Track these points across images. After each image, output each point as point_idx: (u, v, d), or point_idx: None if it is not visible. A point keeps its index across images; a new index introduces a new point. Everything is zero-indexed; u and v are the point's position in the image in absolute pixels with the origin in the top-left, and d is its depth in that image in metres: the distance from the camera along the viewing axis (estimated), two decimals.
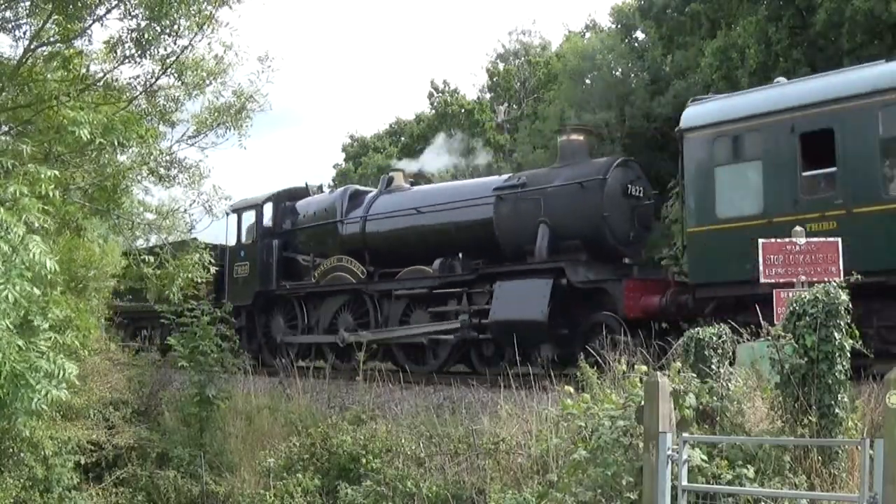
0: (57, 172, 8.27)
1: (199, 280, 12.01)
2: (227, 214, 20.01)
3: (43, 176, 7.80)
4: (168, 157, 12.14)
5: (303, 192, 21.02)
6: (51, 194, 7.94)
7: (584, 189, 14.45)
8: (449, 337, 15.83)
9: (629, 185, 14.62)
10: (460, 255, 16.09)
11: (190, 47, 10.38)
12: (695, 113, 13.39)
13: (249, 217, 20.95)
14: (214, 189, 12.72)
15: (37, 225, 7.58)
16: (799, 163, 12.01)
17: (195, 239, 13.19)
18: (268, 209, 20.70)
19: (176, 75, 10.80)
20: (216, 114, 11.93)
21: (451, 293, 15.90)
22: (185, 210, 12.56)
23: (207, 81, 11.00)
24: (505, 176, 16.96)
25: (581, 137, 15.93)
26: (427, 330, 16.13)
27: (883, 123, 11.22)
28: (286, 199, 20.81)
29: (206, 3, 9.90)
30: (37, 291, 7.44)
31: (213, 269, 12.52)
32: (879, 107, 11.27)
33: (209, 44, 10.55)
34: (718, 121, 12.95)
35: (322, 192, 21.93)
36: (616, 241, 14.47)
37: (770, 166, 12.24)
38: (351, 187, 20.11)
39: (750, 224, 12.14)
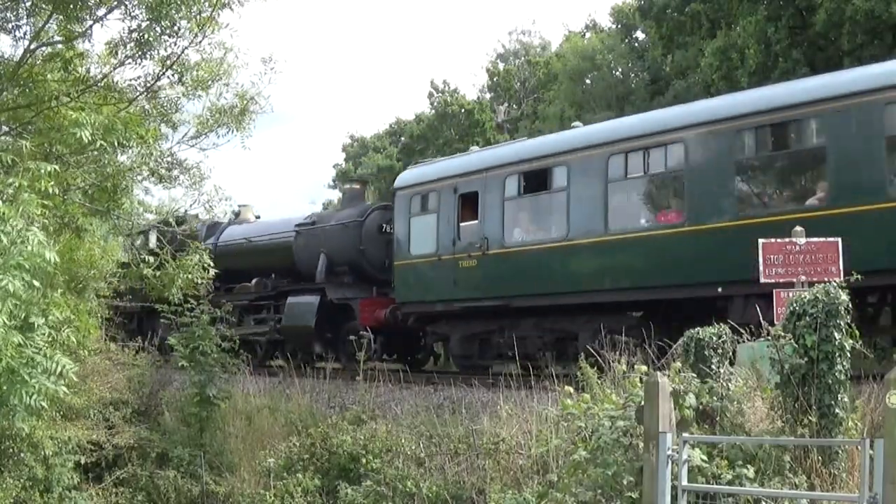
0: (56, 167, 8.26)
1: (200, 281, 12.03)
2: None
3: (43, 171, 7.80)
4: (169, 159, 12.15)
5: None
6: (51, 190, 7.94)
7: (348, 228, 18.87)
8: (262, 338, 20.31)
9: (384, 225, 18.66)
10: (273, 275, 20.38)
11: (190, 48, 10.38)
12: (403, 176, 18.33)
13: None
14: (216, 189, 12.75)
15: (36, 221, 7.56)
16: (457, 215, 15.99)
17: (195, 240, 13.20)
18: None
19: (177, 77, 10.79)
20: (217, 115, 11.93)
21: (263, 304, 20.57)
22: (186, 211, 12.56)
23: (209, 83, 11.00)
24: (306, 214, 21.23)
25: (357, 186, 21.66)
26: (249, 331, 20.14)
27: (507, 188, 15.07)
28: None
29: (206, 3, 9.89)
30: (37, 283, 7.43)
31: None
32: (504, 176, 15.17)
33: (209, 44, 10.55)
34: (414, 183, 17.41)
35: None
36: (373, 268, 18.59)
37: (441, 218, 16.33)
38: (212, 220, 21.98)
39: (428, 260, 16.41)
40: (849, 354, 7.45)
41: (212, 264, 12.34)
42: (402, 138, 46.65)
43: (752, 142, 11.86)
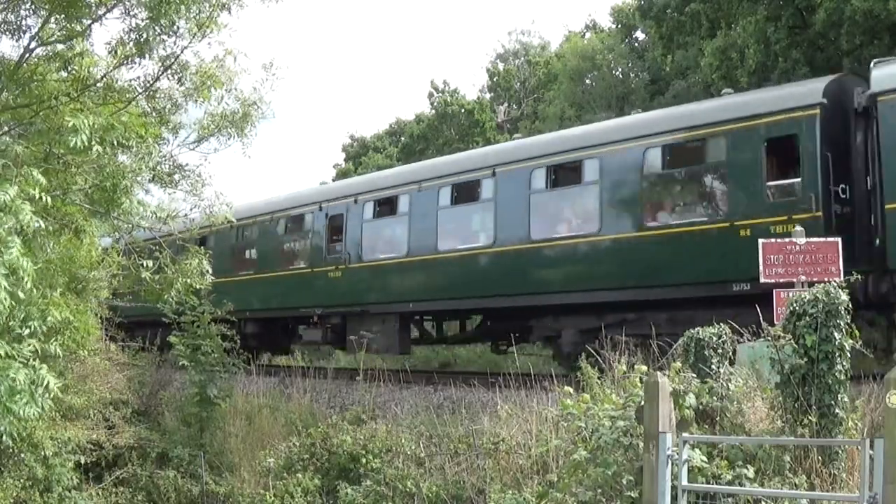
0: (45, 181, 8.22)
1: (199, 286, 12.02)
2: None
3: (33, 179, 7.77)
4: (171, 163, 12.14)
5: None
6: (43, 198, 7.90)
7: None
8: None
9: None
10: None
11: (189, 48, 10.36)
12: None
13: None
14: (216, 195, 12.78)
15: (29, 227, 7.52)
16: (326, 234, 18.52)
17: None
18: None
19: (176, 77, 10.77)
20: (219, 119, 11.92)
21: None
22: (186, 214, 12.55)
23: (209, 84, 10.97)
24: None
25: None
26: None
27: (365, 212, 17.79)
28: None
29: (206, 4, 9.88)
30: (21, 295, 7.39)
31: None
32: (364, 202, 17.79)
33: (209, 44, 10.52)
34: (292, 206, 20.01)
35: None
36: None
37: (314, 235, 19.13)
38: None
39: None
40: (849, 354, 7.45)
41: (209, 269, 12.33)
42: (402, 138, 46.63)
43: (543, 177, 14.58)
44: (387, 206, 17.40)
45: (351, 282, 17.47)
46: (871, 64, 11.93)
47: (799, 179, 11.69)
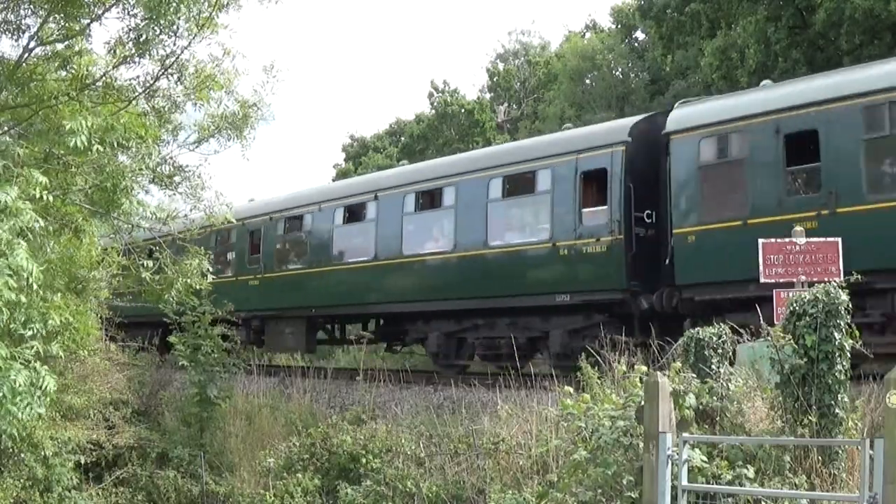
0: (46, 180, 8.23)
1: (199, 286, 12.02)
2: None
3: (34, 181, 7.77)
4: (171, 165, 12.15)
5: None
6: (44, 198, 7.90)
7: None
8: None
9: None
10: None
11: (189, 48, 10.36)
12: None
13: None
14: (216, 196, 12.78)
15: (30, 228, 7.53)
16: (247, 247, 20.73)
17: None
18: None
19: (175, 77, 10.78)
20: (219, 120, 11.93)
21: None
22: (186, 215, 12.56)
23: (208, 86, 10.97)
24: None
25: None
26: None
27: (277, 228, 20.11)
28: None
29: (205, 4, 9.88)
30: (23, 299, 7.39)
31: None
32: (278, 220, 19.97)
33: (209, 44, 10.53)
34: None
35: None
36: None
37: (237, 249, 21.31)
38: None
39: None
40: (848, 354, 7.45)
41: (210, 269, 12.33)
42: (402, 138, 46.64)
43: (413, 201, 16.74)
44: (296, 223, 19.78)
45: (267, 289, 19.76)
46: (676, 104, 13.89)
47: (606, 206, 13.41)
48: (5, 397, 7.23)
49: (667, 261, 12.80)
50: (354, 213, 18.04)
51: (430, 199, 16.56)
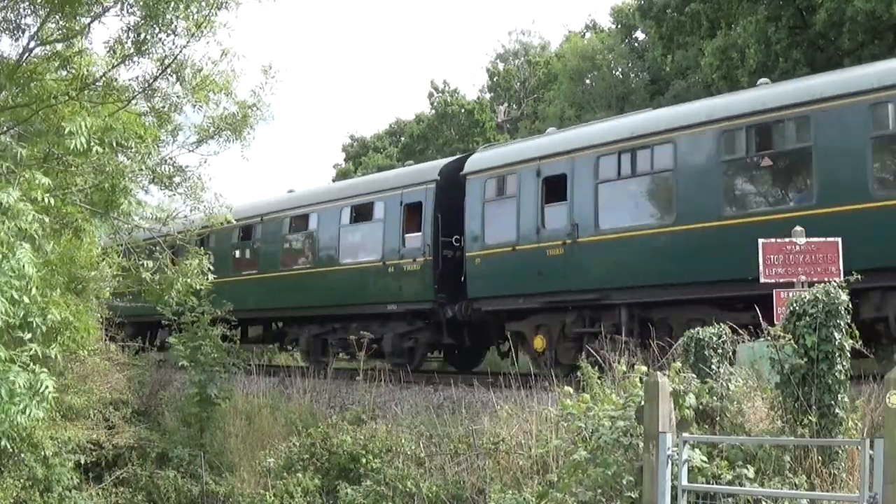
0: (49, 181, 8.24)
1: (199, 287, 12.03)
2: None
3: (37, 182, 7.78)
4: (171, 166, 12.16)
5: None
6: (45, 200, 7.91)
7: None
8: None
9: None
10: None
11: (188, 47, 10.36)
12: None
13: None
14: (216, 197, 12.80)
15: (31, 229, 7.53)
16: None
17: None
18: None
19: (174, 77, 10.79)
20: (218, 121, 11.94)
21: None
22: (186, 216, 12.56)
23: (208, 87, 10.98)
24: None
25: None
26: None
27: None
28: None
29: (203, 3, 9.88)
30: (26, 300, 7.40)
31: None
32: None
33: (207, 43, 10.53)
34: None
35: None
36: None
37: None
38: None
39: None
40: (848, 354, 7.44)
41: (211, 268, 12.31)
42: (402, 138, 46.66)
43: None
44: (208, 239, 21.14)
45: None
46: (479, 148, 17.39)
47: (420, 233, 16.47)
48: (4, 398, 7.23)
49: (462, 278, 15.52)
50: (248, 233, 21.04)
51: (300, 223, 19.81)
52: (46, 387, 7.61)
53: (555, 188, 14.30)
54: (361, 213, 18.14)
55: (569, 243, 13.80)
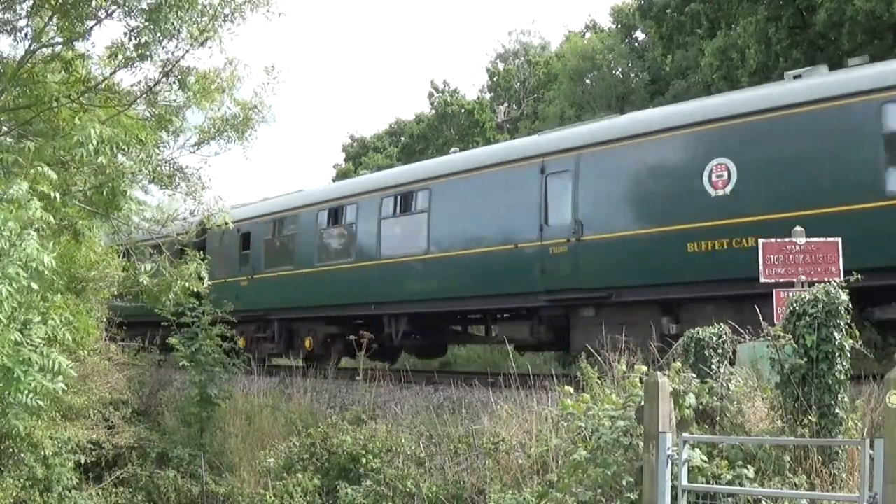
0: (56, 176, 8.26)
1: (197, 290, 12.02)
2: None
3: (44, 175, 7.80)
4: (171, 166, 12.16)
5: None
6: (51, 195, 7.93)
7: None
8: None
9: None
10: None
11: (190, 52, 10.37)
12: None
13: None
14: (216, 199, 12.81)
15: (36, 224, 7.56)
16: None
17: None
18: None
19: (177, 83, 10.79)
20: (219, 122, 11.95)
21: None
22: (185, 218, 12.56)
23: (211, 91, 10.99)
24: None
25: None
26: None
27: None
28: None
29: (204, 18, 9.91)
30: (34, 286, 7.42)
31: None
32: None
33: (209, 47, 10.53)
34: None
35: None
36: None
37: None
38: None
39: None
40: (849, 354, 7.44)
41: (206, 272, 12.31)
42: (402, 138, 46.62)
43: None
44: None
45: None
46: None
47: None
48: (20, 373, 7.26)
49: None
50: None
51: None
52: (60, 363, 7.65)
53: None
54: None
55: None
